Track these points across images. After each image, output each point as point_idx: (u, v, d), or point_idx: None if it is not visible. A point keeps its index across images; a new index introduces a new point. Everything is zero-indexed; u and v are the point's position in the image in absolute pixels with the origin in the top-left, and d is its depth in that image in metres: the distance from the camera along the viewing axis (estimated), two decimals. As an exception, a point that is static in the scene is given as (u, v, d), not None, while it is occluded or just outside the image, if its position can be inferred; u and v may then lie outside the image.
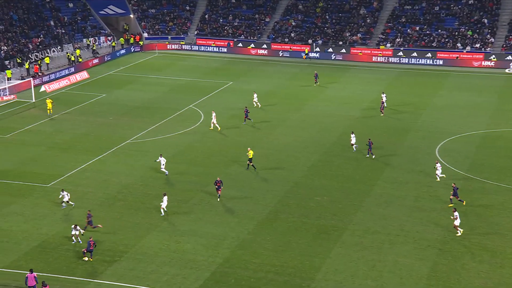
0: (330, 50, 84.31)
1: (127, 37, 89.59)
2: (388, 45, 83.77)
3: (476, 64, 79.29)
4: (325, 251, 35.33)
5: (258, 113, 60.18)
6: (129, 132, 54.86)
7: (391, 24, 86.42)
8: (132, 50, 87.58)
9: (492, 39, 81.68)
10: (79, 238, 36.18)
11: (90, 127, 56.30)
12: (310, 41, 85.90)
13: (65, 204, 40.50)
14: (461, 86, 71.06)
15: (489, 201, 41.77)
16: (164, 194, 39.87)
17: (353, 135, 50.13)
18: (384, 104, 59.87)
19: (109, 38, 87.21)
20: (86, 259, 34.26)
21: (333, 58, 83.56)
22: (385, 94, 60.90)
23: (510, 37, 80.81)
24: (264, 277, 32.92)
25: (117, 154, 49.89)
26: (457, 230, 37.16)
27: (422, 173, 45.64)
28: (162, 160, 45.50)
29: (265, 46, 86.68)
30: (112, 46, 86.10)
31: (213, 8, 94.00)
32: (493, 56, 79.19)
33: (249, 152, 46.27)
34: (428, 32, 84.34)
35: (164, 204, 39.55)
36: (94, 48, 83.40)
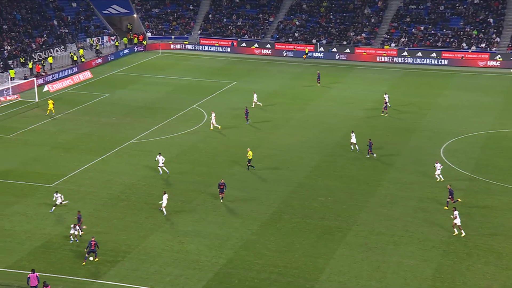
0: (334, 50, 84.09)
1: (131, 37, 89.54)
2: (393, 45, 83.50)
3: (481, 64, 78.96)
4: (329, 252, 35.19)
5: (262, 113, 60.01)
6: (132, 132, 54.76)
7: (396, 23, 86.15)
8: (135, 50, 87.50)
9: (498, 39, 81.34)
10: (77, 238, 36.13)
11: (93, 127, 56.22)
12: (314, 41, 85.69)
13: (54, 207, 39.84)
14: (466, 86, 70.79)
15: (494, 202, 41.56)
16: (164, 192, 39.85)
17: (353, 134, 49.95)
18: (387, 105, 59.60)
19: (113, 37, 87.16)
20: (91, 259, 34.16)
21: (337, 58, 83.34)
22: (387, 95, 60.62)
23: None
24: (267, 278, 32.83)
25: (120, 154, 49.80)
26: (455, 229, 36.95)
27: (427, 174, 45.38)
28: (161, 159, 45.44)
29: (269, 46, 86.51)
30: (116, 46, 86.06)
31: (217, 7, 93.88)
32: (499, 56, 78.84)
33: (249, 153, 46.14)
34: (433, 31, 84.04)
35: (164, 203, 39.49)
36: (98, 47, 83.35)
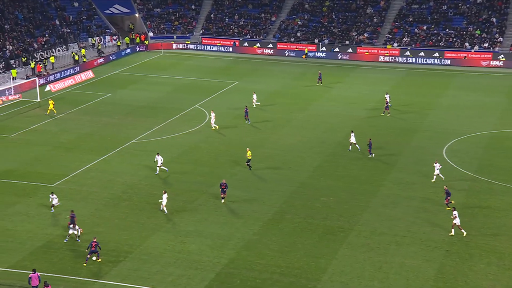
0: (336, 49, 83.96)
1: (132, 37, 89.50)
2: (395, 44, 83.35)
3: (484, 63, 78.80)
4: (331, 252, 35.11)
5: (263, 113, 59.94)
6: (134, 132, 54.71)
7: (398, 23, 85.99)
8: (137, 50, 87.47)
9: (501, 39, 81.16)
10: (78, 238, 36.16)
11: (95, 127, 56.18)
12: (316, 41, 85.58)
13: (54, 209, 39.81)
14: (469, 86, 70.64)
15: (496, 202, 41.45)
16: (164, 192, 39.92)
17: (353, 134, 49.86)
18: (388, 104, 59.48)
19: (115, 37, 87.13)
20: (94, 258, 34.12)
21: (339, 57, 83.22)
22: (388, 95, 60.49)
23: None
24: (269, 278, 32.76)
25: (122, 154, 49.75)
26: (452, 230, 36.82)
27: (429, 174, 45.17)
28: (159, 159, 45.42)
29: (271, 45, 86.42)
30: (117, 46, 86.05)
31: (219, 7, 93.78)
32: (502, 55, 78.69)
33: (248, 153, 46.09)
34: (435, 31, 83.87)
35: (164, 202, 39.53)
36: (99, 47, 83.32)
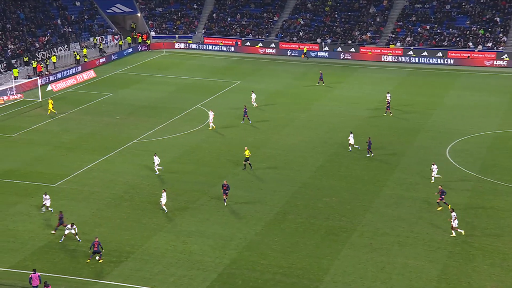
0: (339, 49, 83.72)
1: (134, 36, 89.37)
2: (398, 44, 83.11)
3: (488, 63, 78.50)
4: (334, 253, 35.01)
5: (265, 113, 59.83)
6: (136, 131, 54.60)
7: (401, 23, 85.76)
8: (139, 49, 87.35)
9: (505, 38, 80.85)
10: (78, 237, 36.12)
11: (97, 127, 56.08)
12: (319, 40, 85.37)
13: (44, 209, 39.56)
14: (473, 85, 70.41)
15: (500, 202, 41.27)
16: (163, 190, 40.01)
17: (352, 135, 49.73)
18: (389, 104, 59.30)
19: (116, 37, 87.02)
20: (97, 258, 34.02)
21: (342, 57, 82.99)
22: (389, 94, 60.27)
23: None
24: (271, 279, 32.66)
25: (124, 154, 49.65)
26: (453, 232, 36.67)
27: (432, 174, 44.93)
28: (156, 160, 45.39)
29: (273, 45, 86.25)
30: (119, 45, 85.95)
31: (221, 6, 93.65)
32: (506, 55, 78.38)
33: (246, 152, 45.97)
34: (439, 31, 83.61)
35: (164, 201, 39.56)
36: (101, 47, 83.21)
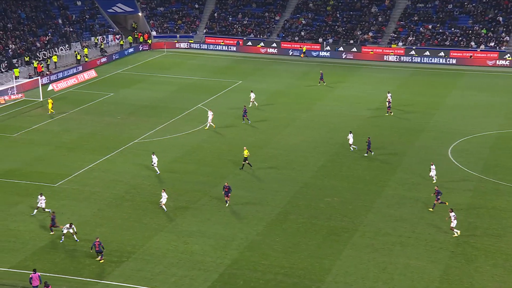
0: (341, 49, 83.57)
1: (135, 36, 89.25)
2: (400, 43, 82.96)
3: (490, 63, 78.32)
4: (335, 253, 34.91)
5: (267, 113, 59.76)
6: (137, 131, 54.52)
7: (403, 22, 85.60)
8: (140, 49, 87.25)
9: (507, 38, 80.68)
10: (76, 237, 36.12)
11: (98, 127, 56.01)
12: (320, 40, 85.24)
13: (36, 211, 39.23)
14: (475, 85, 70.24)
15: (503, 202, 41.14)
16: (163, 190, 40.04)
17: (351, 134, 49.63)
18: (387, 104, 59.18)
19: (117, 36, 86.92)
20: (98, 258, 34.02)
21: (343, 57, 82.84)
22: (390, 94, 60.15)
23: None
24: (273, 279, 32.58)
25: (125, 154, 49.56)
26: (454, 232, 36.59)
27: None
28: (154, 159, 45.35)
29: (274, 44, 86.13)
30: (120, 45, 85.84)
31: (222, 6, 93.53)
32: (508, 55, 78.21)
33: (245, 152, 45.87)
34: (441, 30, 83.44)
35: (164, 200, 39.59)
36: (102, 46, 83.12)
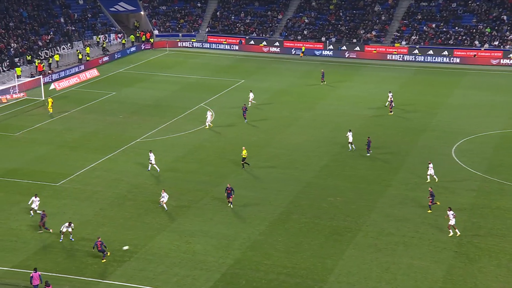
0: (343, 48, 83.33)
1: (138, 35, 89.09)
2: (403, 42, 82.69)
3: (494, 62, 78.04)
4: (338, 253, 34.81)
5: (269, 112, 59.64)
6: (139, 130, 54.43)
7: (407, 21, 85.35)
8: (142, 48, 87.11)
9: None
10: (72, 236, 36.04)
11: (100, 126, 55.93)
12: (323, 39, 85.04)
13: (33, 212, 39.02)
14: (479, 84, 70.01)
15: (507, 202, 40.97)
16: (163, 190, 40.02)
17: (350, 133, 49.48)
18: (388, 103, 59.00)
19: (119, 35, 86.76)
20: (104, 260, 33.98)
21: (346, 56, 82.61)
22: (391, 93, 59.98)
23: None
24: (275, 279, 32.48)
25: (127, 153, 49.47)
26: (450, 231, 36.49)
27: (437, 174, 44.65)
28: (151, 156, 45.23)
29: (277, 43, 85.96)
30: (122, 44, 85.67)
31: (225, 5, 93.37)
32: (513, 54, 78.01)
33: (243, 152, 45.77)
34: (444, 29, 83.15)
35: (165, 199, 39.58)
36: (104, 45, 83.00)
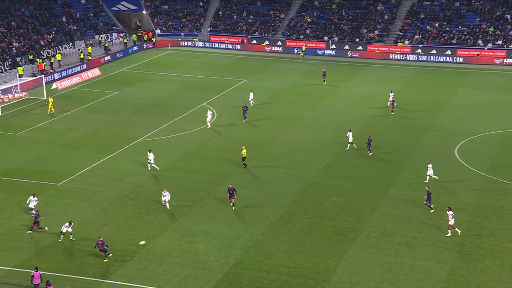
0: (346, 47, 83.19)
1: (140, 34, 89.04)
2: (406, 42, 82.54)
3: (497, 61, 77.84)
4: (341, 253, 34.72)
5: (272, 111, 59.54)
6: (141, 130, 54.37)
7: (410, 20, 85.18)
8: (144, 47, 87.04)
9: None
10: (72, 236, 36.00)
11: (102, 125, 55.88)
12: (326, 38, 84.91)
13: (34, 212, 38.63)
14: (482, 84, 69.86)
15: (510, 202, 40.84)
16: (164, 190, 40.01)
17: (350, 133, 49.35)
18: (390, 103, 58.85)
19: (121, 34, 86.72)
20: (106, 260, 33.91)
21: (349, 55, 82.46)
22: (393, 93, 59.84)
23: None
24: (277, 279, 32.40)
25: (129, 153, 49.40)
26: (449, 231, 36.35)
27: (440, 174, 44.57)
28: (151, 156, 45.15)
29: (279, 43, 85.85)
30: (124, 43, 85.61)
31: (227, 4, 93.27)
32: (516, 53, 77.83)
33: (243, 151, 45.68)
34: (448, 28, 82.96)
35: (167, 198, 39.59)
36: (106, 44, 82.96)
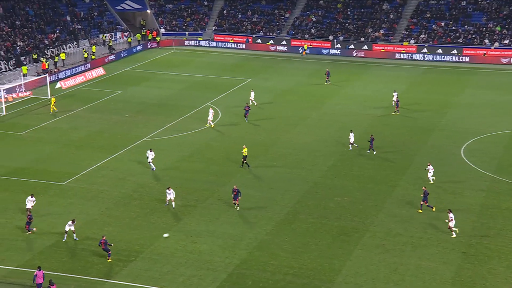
0: (351, 46, 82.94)
1: (144, 33, 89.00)
2: (412, 41, 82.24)
3: (504, 61, 77.51)
4: (345, 253, 34.58)
5: (276, 111, 59.39)
6: (145, 130, 54.30)
7: (415, 19, 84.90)
8: (148, 46, 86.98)
9: (522, 35, 79.93)
10: (75, 235, 35.94)
11: (106, 125, 55.85)
12: (331, 38, 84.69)
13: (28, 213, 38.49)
14: (489, 84, 69.57)
15: (517, 203, 40.63)
16: (168, 188, 39.93)
17: (352, 133, 49.18)
18: (394, 102, 58.65)
19: (126, 34, 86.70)
20: (110, 260, 33.83)
21: (354, 55, 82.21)
22: (396, 93, 59.60)
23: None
24: (282, 279, 32.29)
25: (133, 152, 49.33)
26: (453, 233, 36.18)
27: (446, 174, 44.45)
28: (150, 155, 45.08)
29: (284, 42, 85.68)
30: (129, 42, 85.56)
31: (232, 3, 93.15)
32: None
33: (244, 150, 45.50)
34: (454, 28, 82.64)
35: (172, 196, 39.51)
36: (110, 44, 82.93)
